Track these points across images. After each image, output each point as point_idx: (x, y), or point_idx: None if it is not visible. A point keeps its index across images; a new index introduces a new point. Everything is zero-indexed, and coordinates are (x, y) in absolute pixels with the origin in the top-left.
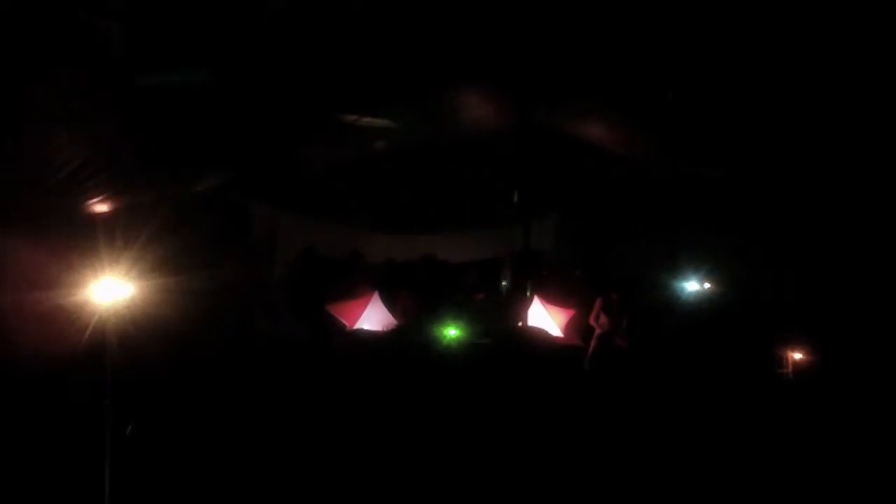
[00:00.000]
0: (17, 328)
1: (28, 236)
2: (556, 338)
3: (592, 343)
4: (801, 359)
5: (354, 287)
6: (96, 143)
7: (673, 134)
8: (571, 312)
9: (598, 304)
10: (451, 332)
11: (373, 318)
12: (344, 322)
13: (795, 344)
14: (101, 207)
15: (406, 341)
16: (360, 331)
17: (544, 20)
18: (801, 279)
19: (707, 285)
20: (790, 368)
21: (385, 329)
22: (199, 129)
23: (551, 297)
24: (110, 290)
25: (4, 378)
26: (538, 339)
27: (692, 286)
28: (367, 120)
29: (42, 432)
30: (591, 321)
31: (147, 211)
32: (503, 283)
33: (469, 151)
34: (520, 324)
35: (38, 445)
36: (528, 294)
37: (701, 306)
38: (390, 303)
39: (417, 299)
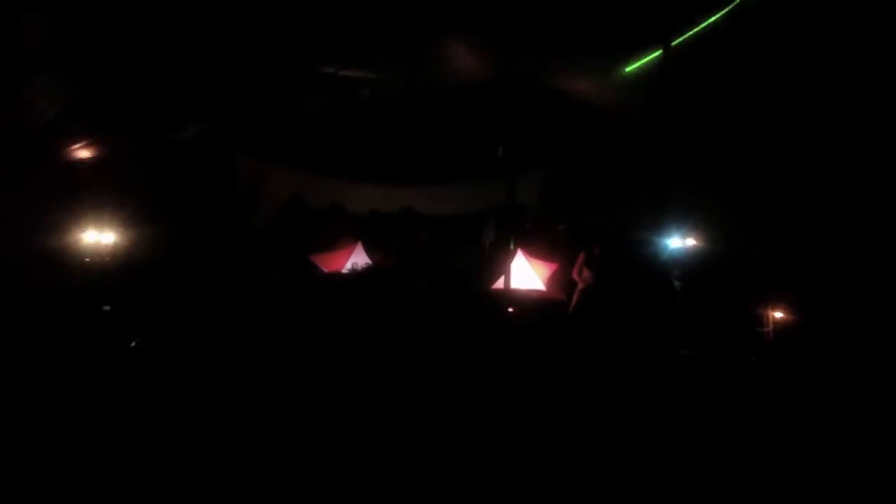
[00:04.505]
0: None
1: (13, 183)
2: (539, 291)
3: (575, 297)
4: (781, 317)
5: (338, 237)
6: (80, 90)
7: (660, 88)
8: (555, 266)
9: (581, 258)
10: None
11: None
12: (327, 272)
13: (777, 302)
14: (85, 154)
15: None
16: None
17: None
18: (785, 237)
19: (690, 241)
20: (771, 327)
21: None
22: (184, 78)
23: (535, 251)
24: (96, 236)
25: None
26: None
27: (675, 242)
28: (352, 70)
29: (35, 378)
30: (574, 275)
31: (134, 159)
32: (486, 236)
33: (454, 103)
34: (502, 277)
35: (32, 390)
36: (512, 247)
37: (683, 262)
38: (373, 253)
39: (399, 250)
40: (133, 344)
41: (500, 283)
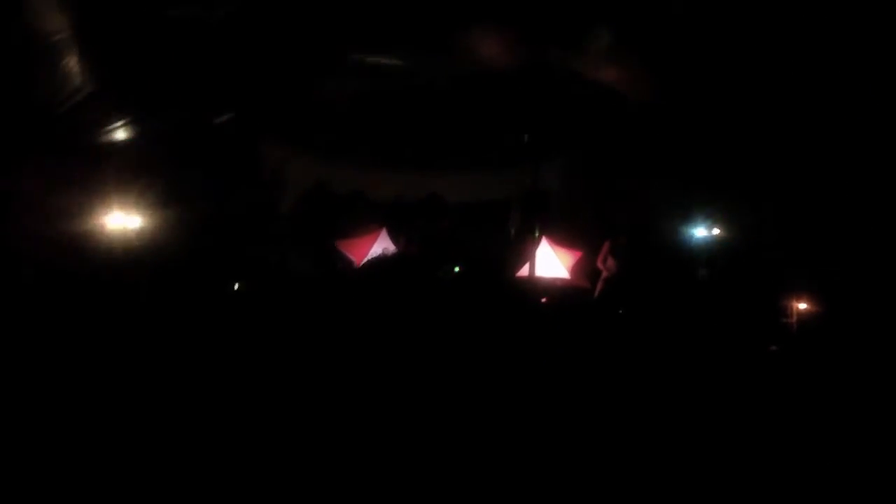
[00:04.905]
0: (28, 257)
1: (38, 166)
2: (563, 279)
3: (599, 285)
4: (805, 308)
5: (363, 223)
6: (107, 73)
7: (687, 76)
8: (579, 254)
9: (606, 246)
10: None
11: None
12: (352, 258)
13: (801, 293)
14: (111, 138)
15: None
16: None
17: None
18: (810, 227)
19: (715, 230)
20: (794, 318)
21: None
22: (212, 63)
23: (559, 239)
24: (120, 220)
25: (13, 307)
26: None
27: (700, 231)
28: (377, 57)
29: (52, 361)
30: (599, 264)
31: (158, 144)
32: (511, 224)
33: (479, 90)
34: (527, 264)
35: (49, 373)
36: (537, 235)
37: (708, 251)
38: (398, 239)
39: (424, 237)
40: None
41: (524, 271)
